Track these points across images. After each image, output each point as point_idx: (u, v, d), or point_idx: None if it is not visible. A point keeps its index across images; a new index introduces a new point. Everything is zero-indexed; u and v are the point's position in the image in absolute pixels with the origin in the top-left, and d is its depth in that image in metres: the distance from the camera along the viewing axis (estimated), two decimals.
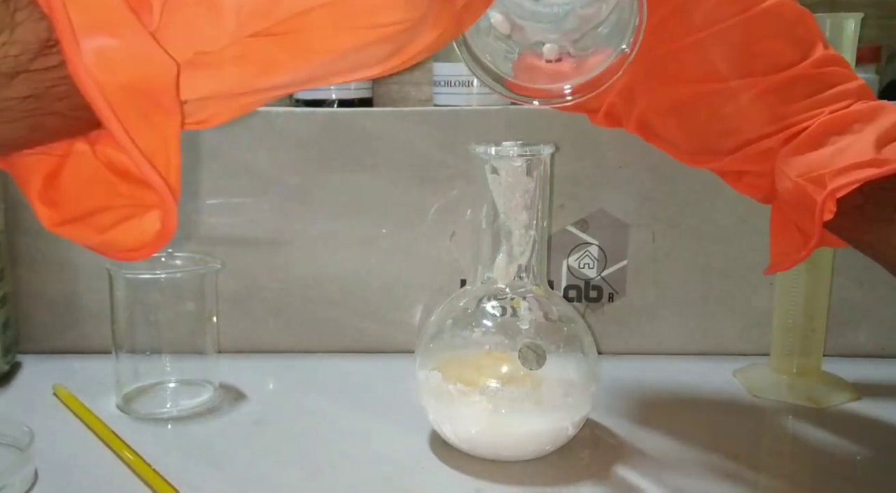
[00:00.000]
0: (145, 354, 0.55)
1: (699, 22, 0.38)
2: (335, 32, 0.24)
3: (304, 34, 0.23)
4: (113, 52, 0.21)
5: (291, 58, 0.24)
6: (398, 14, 0.24)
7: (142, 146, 0.22)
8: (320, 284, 0.64)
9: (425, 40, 0.27)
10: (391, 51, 0.26)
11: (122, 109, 0.21)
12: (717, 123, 0.41)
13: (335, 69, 0.26)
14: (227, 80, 0.24)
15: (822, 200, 0.37)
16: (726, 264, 0.64)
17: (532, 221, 0.46)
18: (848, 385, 0.57)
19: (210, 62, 0.23)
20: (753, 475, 0.45)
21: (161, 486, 0.42)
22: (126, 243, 0.25)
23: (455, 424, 0.46)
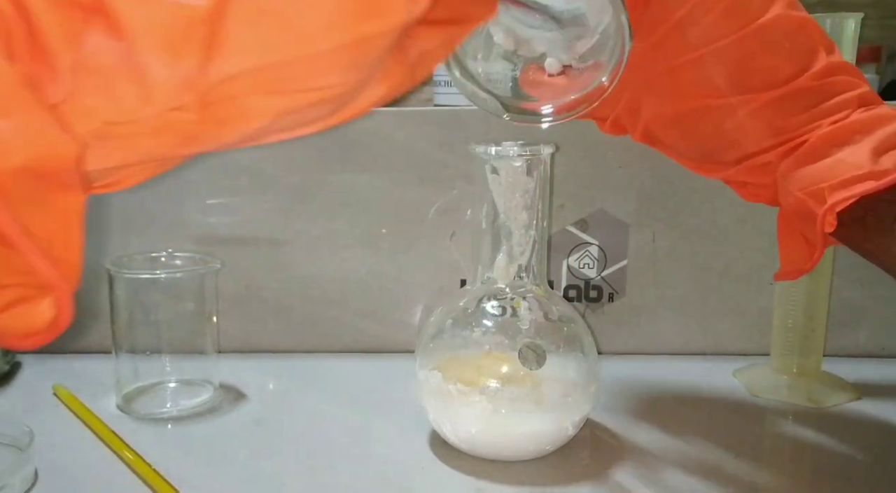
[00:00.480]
0: (145, 354, 0.55)
1: (696, 40, 0.38)
2: (267, 98, 0.22)
3: (229, 102, 0.22)
4: (4, 134, 0.19)
5: (217, 128, 0.23)
6: (335, 78, 0.23)
7: (38, 229, 0.21)
8: (320, 284, 0.64)
9: (373, 96, 0.25)
10: (331, 110, 0.25)
11: (12, 194, 0.20)
12: (718, 136, 0.41)
13: (268, 131, 0.24)
14: (141, 150, 0.22)
15: (822, 214, 0.37)
16: (726, 264, 0.64)
17: (532, 221, 0.46)
18: (848, 385, 0.57)
19: (122, 133, 0.21)
20: (753, 475, 0.45)
21: (161, 486, 0.42)
22: (15, 330, 0.23)
23: (455, 424, 0.46)
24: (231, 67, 0.21)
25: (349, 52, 0.22)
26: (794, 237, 0.42)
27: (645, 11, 0.39)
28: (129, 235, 0.62)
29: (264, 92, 0.22)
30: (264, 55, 0.21)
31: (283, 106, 0.23)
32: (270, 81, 0.22)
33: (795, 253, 0.42)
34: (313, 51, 0.21)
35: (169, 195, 0.62)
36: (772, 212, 0.45)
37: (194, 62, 0.20)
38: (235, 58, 0.21)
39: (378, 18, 0.22)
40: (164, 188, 0.62)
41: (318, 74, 0.22)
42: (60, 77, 0.20)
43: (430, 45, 0.26)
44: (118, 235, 0.62)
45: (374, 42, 0.22)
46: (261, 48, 0.21)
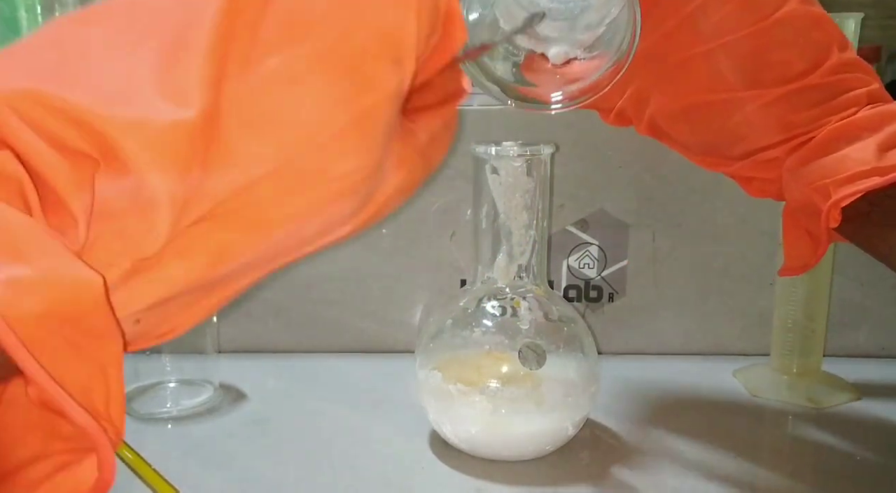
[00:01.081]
0: (145, 354, 0.55)
1: (708, 33, 0.38)
2: (287, 198, 0.22)
3: (252, 209, 0.21)
4: (23, 281, 0.18)
5: (244, 236, 0.22)
6: (350, 163, 0.22)
7: (71, 382, 0.19)
8: (320, 284, 0.64)
9: (392, 184, 0.25)
10: (357, 205, 0.24)
11: (40, 344, 0.18)
12: (725, 131, 0.41)
13: (301, 238, 0.24)
14: (175, 279, 0.21)
15: (827, 210, 0.37)
16: (726, 264, 0.64)
17: (532, 221, 0.46)
18: (848, 385, 0.57)
19: (151, 265, 0.21)
20: (753, 475, 0.45)
21: (161, 486, 0.42)
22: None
23: (455, 424, 0.46)
24: (242, 174, 0.21)
25: (354, 132, 0.22)
26: (799, 233, 0.42)
27: (656, 2, 0.39)
28: None
29: (284, 193, 0.22)
30: (272, 155, 0.21)
31: (305, 204, 0.22)
32: (286, 180, 0.21)
33: (800, 248, 0.42)
34: (318, 139, 0.21)
35: None
36: (772, 212, 0.45)
37: (200, 174, 0.20)
38: (243, 163, 0.21)
39: (371, 91, 0.22)
40: None
41: (331, 162, 0.22)
42: (78, 224, 0.20)
43: (434, 128, 0.26)
44: None
45: (374, 115, 0.22)
46: (267, 149, 0.21)
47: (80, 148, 0.19)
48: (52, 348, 0.19)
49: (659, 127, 0.43)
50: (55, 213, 0.20)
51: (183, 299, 0.23)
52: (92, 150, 0.19)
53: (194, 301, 0.23)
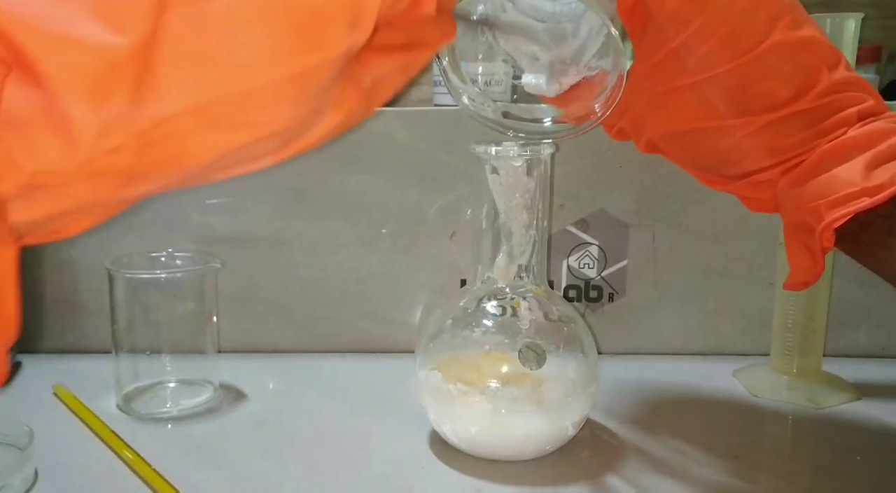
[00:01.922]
0: (145, 354, 0.55)
1: (693, 68, 0.38)
2: (208, 135, 0.22)
3: (170, 141, 0.21)
4: None
5: (158, 167, 0.22)
6: (280, 112, 0.22)
7: None
8: (320, 284, 0.64)
9: (326, 126, 0.25)
10: (281, 143, 0.24)
11: None
12: (718, 155, 0.41)
13: (217, 167, 0.24)
14: (81, 196, 0.22)
15: (820, 232, 0.38)
16: (726, 264, 0.64)
17: (532, 221, 0.46)
18: (848, 385, 0.57)
19: (53, 183, 0.21)
20: (753, 475, 0.45)
21: (161, 486, 0.42)
22: None
23: (455, 424, 0.46)
24: (167, 107, 0.20)
25: (292, 85, 0.22)
26: (800, 248, 0.42)
27: (643, 37, 0.39)
28: (128, 234, 0.62)
29: (207, 129, 0.21)
30: (201, 94, 0.21)
31: (228, 142, 0.22)
32: (212, 119, 0.21)
33: (803, 263, 0.42)
34: (252, 86, 0.21)
35: (169, 195, 0.62)
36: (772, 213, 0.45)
37: (122, 104, 0.20)
38: (171, 98, 0.20)
39: (317, 51, 0.21)
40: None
41: (261, 109, 0.22)
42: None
43: (385, 71, 0.25)
44: (118, 234, 0.62)
45: (316, 74, 0.22)
46: (197, 87, 0.21)
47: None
48: None
49: (657, 148, 0.44)
50: None
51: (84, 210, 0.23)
52: (6, 56, 0.19)
53: (95, 212, 0.23)
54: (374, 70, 0.25)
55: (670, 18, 0.37)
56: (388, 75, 0.26)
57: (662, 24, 0.38)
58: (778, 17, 0.37)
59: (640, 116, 0.43)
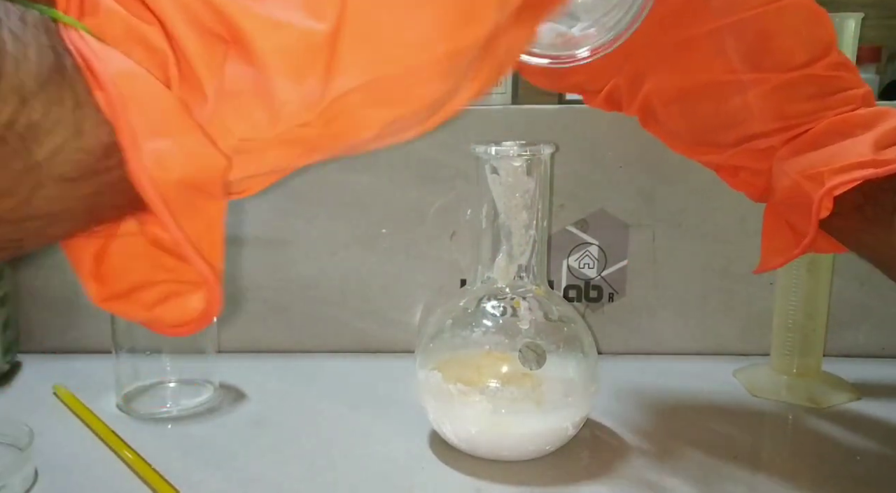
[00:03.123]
0: (145, 353, 0.55)
1: (718, 9, 0.39)
2: (375, 110, 0.24)
3: (343, 116, 0.24)
4: (168, 153, 0.22)
5: (333, 139, 0.25)
6: (435, 85, 0.24)
7: (189, 232, 0.23)
8: (320, 284, 0.64)
9: (466, 95, 0.27)
10: (428, 115, 0.26)
11: (173, 203, 0.22)
12: (722, 115, 0.41)
13: (374, 139, 0.26)
14: (269, 162, 0.25)
15: (820, 197, 0.37)
16: (726, 263, 0.64)
17: (532, 221, 0.46)
18: (848, 385, 0.57)
19: (254, 148, 0.24)
20: (753, 475, 0.45)
21: (161, 486, 0.42)
22: (172, 320, 0.26)
23: (455, 424, 0.46)
24: (346, 84, 0.23)
25: (448, 61, 0.24)
26: (781, 228, 0.42)
27: None
28: None
29: (373, 104, 0.24)
30: (374, 71, 0.23)
31: (391, 116, 0.25)
32: (377, 94, 0.24)
33: (780, 243, 0.42)
34: (414, 63, 0.23)
35: None
36: None
37: (316, 83, 0.22)
38: (350, 75, 0.23)
39: (473, 26, 0.23)
40: None
41: (421, 84, 0.24)
42: (207, 102, 0.22)
43: (516, 40, 0.27)
44: None
45: (467, 51, 0.24)
46: (370, 65, 0.23)
47: (218, 32, 0.22)
48: (179, 206, 0.23)
49: (650, 109, 0.43)
50: (189, 88, 0.22)
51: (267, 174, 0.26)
52: (227, 36, 0.22)
53: (272, 175, 0.27)
54: (508, 39, 0.27)
55: None
56: (517, 42, 0.28)
57: None
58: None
59: (642, 69, 0.42)
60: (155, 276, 0.25)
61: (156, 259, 0.24)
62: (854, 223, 0.39)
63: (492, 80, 0.27)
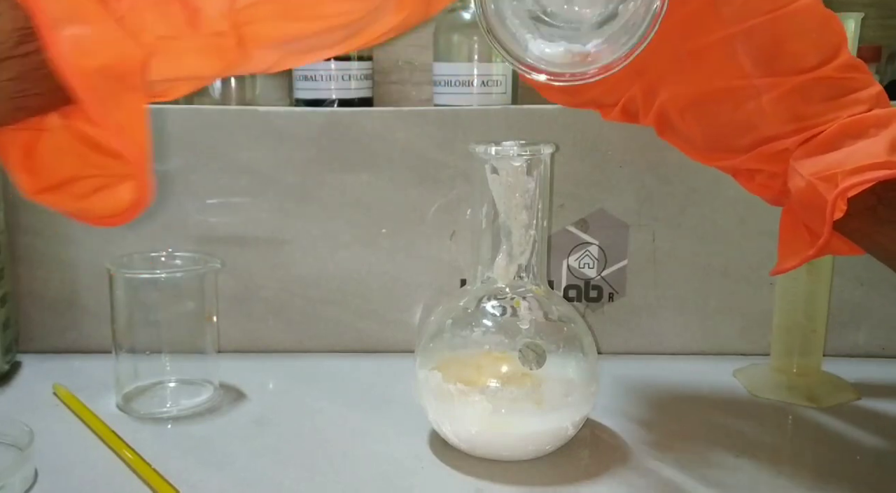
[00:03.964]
0: (145, 353, 0.55)
1: (729, 17, 0.39)
2: (282, 23, 0.25)
3: (253, 26, 0.25)
4: (86, 40, 0.22)
5: (243, 48, 0.26)
6: (344, 5, 0.25)
7: (114, 122, 0.24)
8: (320, 284, 0.64)
9: (387, 24, 0.27)
10: (346, 35, 0.27)
11: (96, 90, 0.23)
12: (737, 119, 0.41)
13: (290, 52, 0.27)
14: (185, 68, 0.26)
15: (834, 198, 0.37)
16: (726, 263, 0.64)
17: (532, 221, 0.46)
18: (848, 385, 0.57)
19: (173, 50, 0.25)
20: (753, 474, 0.45)
21: (161, 486, 0.42)
22: (102, 211, 0.26)
23: (455, 424, 0.46)
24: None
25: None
26: (798, 230, 0.42)
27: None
28: (128, 234, 0.62)
29: (282, 17, 0.25)
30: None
31: (299, 30, 0.26)
32: (284, 9, 0.25)
33: (796, 244, 0.42)
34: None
35: (169, 195, 0.62)
36: (772, 212, 0.45)
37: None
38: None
39: None
40: (164, 188, 0.62)
41: (326, 3, 0.25)
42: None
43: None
44: (118, 234, 0.62)
45: None
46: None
47: None
48: (102, 95, 0.23)
49: (666, 118, 0.44)
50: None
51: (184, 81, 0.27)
52: None
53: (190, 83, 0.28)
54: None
55: None
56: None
57: None
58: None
59: (656, 79, 0.42)
60: (84, 170, 0.26)
61: (83, 155, 0.25)
62: (868, 224, 0.39)
63: (416, 16, 0.28)
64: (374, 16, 0.27)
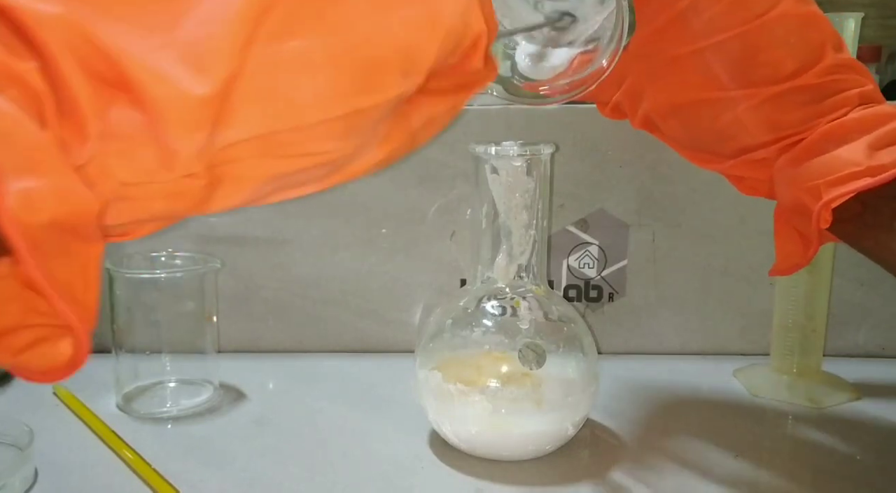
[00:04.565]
0: (145, 353, 0.55)
1: (699, 31, 0.38)
2: (265, 162, 0.24)
3: (233, 166, 0.24)
4: (37, 194, 0.21)
5: (221, 189, 0.24)
6: (329, 145, 0.24)
7: (61, 276, 0.22)
8: (320, 283, 0.64)
9: (371, 160, 0.27)
10: (328, 172, 0.26)
11: (42, 245, 0.21)
12: (716, 129, 0.41)
13: (267, 192, 0.26)
14: (153, 212, 0.24)
15: (818, 210, 0.37)
16: (726, 263, 0.64)
17: (532, 221, 0.46)
18: (848, 385, 0.57)
19: (139, 195, 0.23)
20: (753, 475, 0.45)
21: (161, 486, 0.42)
22: (38, 366, 0.24)
23: (455, 424, 0.46)
24: (235, 136, 0.23)
25: (342, 123, 0.24)
26: (790, 233, 0.41)
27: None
28: None
29: (266, 157, 0.24)
30: (264, 126, 0.23)
31: (281, 168, 0.24)
32: (270, 147, 0.23)
33: (791, 248, 0.42)
34: (308, 122, 0.23)
35: None
36: (772, 212, 0.45)
37: (205, 136, 0.22)
38: (240, 128, 0.23)
39: (371, 94, 0.23)
40: None
41: (312, 142, 0.24)
42: (88, 142, 0.22)
43: (435, 113, 0.28)
44: None
45: (367, 114, 0.24)
46: (262, 120, 0.23)
47: (106, 77, 0.21)
48: (49, 250, 0.22)
49: (652, 122, 0.43)
50: (70, 127, 0.22)
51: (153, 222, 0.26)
52: (116, 82, 0.21)
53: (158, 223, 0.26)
54: (424, 111, 0.27)
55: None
56: (437, 115, 0.28)
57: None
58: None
59: (638, 86, 0.42)
60: (28, 319, 0.24)
61: (29, 302, 0.23)
62: (855, 229, 0.39)
63: (403, 149, 0.27)
64: (359, 152, 0.26)
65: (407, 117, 0.27)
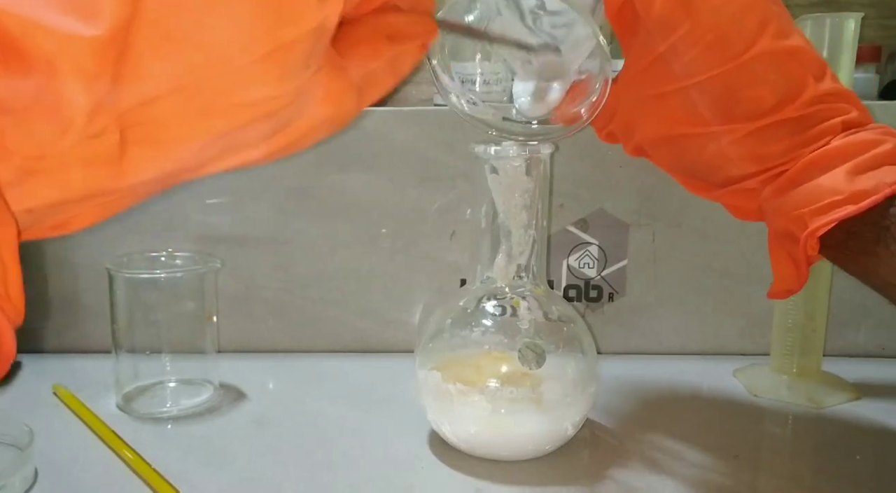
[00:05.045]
0: (145, 353, 0.55)
1: (680, 73, 0.38)
2: (191, 118, 0.22)
3: (156, 125, 0.22)
4: None
5: (146, 151, 0.22)
6: (260, 92, 0.22)
7: None
8: (320, 284, 0.64)
9: (316, 116, 0.25)
10: (268, 132, 0.24)
11: None
12: (703, 161, 0.41)
13: (206, 157, 0.24)
14: (74, 184, 0.22)
15: (804, 240, 0.38)
16: (726, 264, 0.64)
17: (532, 221, 0.46)
18: (848, 385, 0.57)
19: (49, 168, 0.21)
20: (753, 475, 0.45)
21: (161, 486, 0.42)
22: None
23: (455, 424, 0.46)
24: (148, 88, 0.21)
25: (268, 63, 0.22)
26: (784, 257, 0.42)
27: (632, 40, 0.40)
28: (128, 234, 0.62)
29: (194, 113, 0.22)
30: (181, 74, 0.21)
31: (217, 126, 0.23)
32: (197, 101, 0.22)
33: (785, 271, 0.42)
34: (230, 65, 0.21)
35: (168, 195, 0.62)
36: None
37: (105, 85, 0.20)
38: (151, 79, 0.21)
39: (290, 25, 0.22)
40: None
41: (244, 88, 0.22)
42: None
43: (373, 67, 0.26)
44: (118, 234, 0.62)
45: (292, 49, 0.22)
46: (176, 68, 0.21)
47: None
48: None
49: (644, 152, 0.44)
50: None
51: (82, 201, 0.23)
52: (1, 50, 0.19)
53: (93, 201, 0.24)
54: (360, 63, 0.26)
55: (657, 23, 0.37)
56: (377, 72, 0.27)
57: (650, 28, 0.38)
58: (765, 25, 0.37)
59: (628, 119, 0.43)
60: None
61: None
62: (840, 255, 0.39)
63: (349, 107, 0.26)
64: (298, 106, 0.24)
65: (344, 70, 0.25)
